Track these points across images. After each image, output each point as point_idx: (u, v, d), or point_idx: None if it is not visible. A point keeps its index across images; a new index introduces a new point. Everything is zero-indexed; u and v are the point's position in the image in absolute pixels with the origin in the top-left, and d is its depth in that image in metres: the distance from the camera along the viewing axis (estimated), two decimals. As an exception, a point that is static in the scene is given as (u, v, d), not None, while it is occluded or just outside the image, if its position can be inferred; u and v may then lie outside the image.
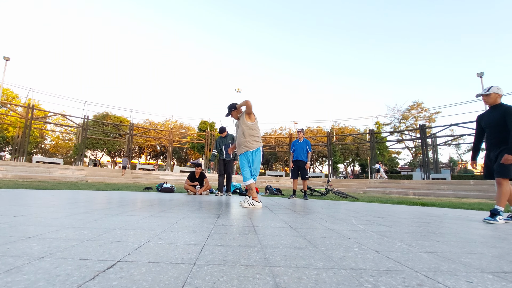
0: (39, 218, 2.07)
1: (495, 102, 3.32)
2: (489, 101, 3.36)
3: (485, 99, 3.38)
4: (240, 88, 32.46)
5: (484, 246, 1.72)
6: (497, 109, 3.28)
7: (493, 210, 3.04)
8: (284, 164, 38.30)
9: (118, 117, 31.06)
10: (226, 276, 0.95)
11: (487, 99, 3.37)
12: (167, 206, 3.49)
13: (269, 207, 4.02)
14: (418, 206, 5.47)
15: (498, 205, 3.05)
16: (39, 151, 35.58)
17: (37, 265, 0.98)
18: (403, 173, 35.89)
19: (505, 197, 3.07)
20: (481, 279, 1.03)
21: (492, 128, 3.32)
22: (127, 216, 2.36)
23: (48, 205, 3.04)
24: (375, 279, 0.98)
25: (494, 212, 3.01)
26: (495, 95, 3.31)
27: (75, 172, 17.58)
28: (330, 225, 2.34)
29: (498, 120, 3.23)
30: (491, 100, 3.34)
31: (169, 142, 27.07)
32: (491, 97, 3.33)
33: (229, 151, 5.86)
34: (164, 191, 7.24)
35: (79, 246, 1.29)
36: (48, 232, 1.58)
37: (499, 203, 3.06)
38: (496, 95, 3.31)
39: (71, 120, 24.62)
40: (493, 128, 3.29)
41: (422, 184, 17.45)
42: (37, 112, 24.19)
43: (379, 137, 25.39)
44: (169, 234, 1.68)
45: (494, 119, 3.28)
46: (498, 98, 3.31)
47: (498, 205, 3.05)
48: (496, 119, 3.25)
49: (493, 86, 3.35)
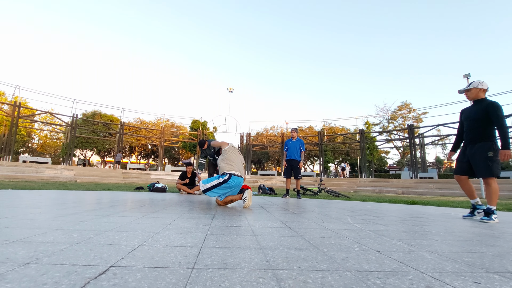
0: (25, 220, 1.97)
1: (478, 96, 3.30)
2: (470, 96, 3.36)
3: (467, 95, 3.39)
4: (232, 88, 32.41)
5: (482, 244, 1.72)
6: (479, 104, 3.27)
7: (487, 210, 3.05)
8: (276, 164, 38.36)
9: (108, 115, 30.43)
10: (228, 281, 0.90)
11: (468, 94, 3.37)
12: (160, 206, 3.40)
13: (264, 206, 3.97)
14: (409, 205, 5.53)
15: (490, 205, 3.06)
16: (26, 150, 34.55)
17: (22, 272, 0.91)
18: (392, 172, 36.52)
19: (496, 195, 3.08)
20: (487, 279, 1.01)
21: (471, 121, 3.30)
22: (118, 217, 2.28)
23: (35, 206, 2.91)
24: (382, 281, 0.95)
25: (489, 212, 3.03)
26: (476, 90, 3.29)
27: (64, 172, 17.13)
28: (327, 225, 2.32)
29: (479, 114, 3.22)
30: (472, 95, 3.33)
31: (161, 141, 26.71)
32: (472, 92, 3.32)
33: None
34: (156, 191, 7.11)
35: (68, 250, 1.21)
36: (34, 235, 1.49)
37: (491, 203, 3.07)
38: (478, 89, 3.29)
39: (59, 119, 24.04)
40: (473, 121, 3.28)
41: (410, 183, 17.77)
42: (24, 110, 23.43)
43: (369, 136, 25.70)
44: (164, 236, 1.61)
45: (475, 112, 3.27)
46: (480, 92, 3.29)
47: (490, 205, 3.06)
48: (477, 113, 3.24)
49: (474, 81, 3.34)
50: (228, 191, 3.66)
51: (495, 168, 3.08)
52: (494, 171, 3.08)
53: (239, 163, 3.81)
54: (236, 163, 3.75)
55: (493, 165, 3.07)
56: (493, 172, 3.08)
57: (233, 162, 3.73)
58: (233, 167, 3.67)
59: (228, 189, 3.63)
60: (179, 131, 31.71)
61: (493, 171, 3.08)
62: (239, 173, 3.67)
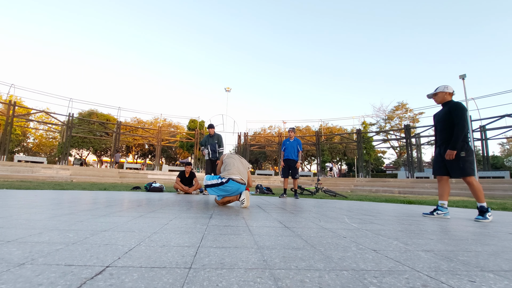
0: (20, 220, 1.95)
1: (444, 100, 3.43)
2: (438, 100, 3.47)
3: (435, 99, 3.50)
4: (230, 87, 32.34)
5: (477, 243, 1.73)
6: (446, 106, 3.40)
7: (481, 208, 3.08)
8: (273, 163, 38.40)
9: (105, 115, 30.24)
10: (225, 281, 0.90)
11: (436, 98, 3.48)
12: (157, 206, 3.39)
13: (261, 206, 3.98)
14: (405, 204, 5.56)
15: (480, 202, 3.10)
16: (21, 150, 34.20)
17: (17, 272, 0.90)
18: (388, 172, 36.72)
19: (481, 192, 3.12)
20: (482, 278, 1.02)
21: (441, 123, 3.42)
22: (115, 217, 2.27)
23: (31, 206, 2.89)
24: (379, 280, 0.95)
25: (482, 210, 3.06)
26: (443, 94, 3.42)
27: (60, 172, 16.99)
28: (324, 224, 2.32)
29: (446, 115, 3.33)
30: (439, 100, 3.46)
31: (158, 141, 26.61)
32: (439, 96, 3.45)
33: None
34: (153, 190, 7.08)
35: (64, 250, 1.20)
36: (29, 235, 1.48)
37: (480, 200, 3.11)
38: (444, 93, 3.41)
39: (55, 118, 23.87)
40: (442, 123, 3.39)
41: (406, 183, 17.89)
42: (19, 109, 23.22)
43: (366, 136, 25.83)
44: (161, 235, 1.60)
45: (443, 115, 3.39)
46: (446, 96, 3.41)
47: (480, 202, 3.10)
48: (445, 114, 3.36)
49: (440, 86, 3.47)
50: (225, 193, 3.69)
51: (467, 168, 3.15)
52: (467, 170, 3.15)
53: (239, 166, 3.80)
54: (235, 166, 3.76)
55: (465, 165, 3.15)
56: (465, 172, 3.15)
57: (232, 166, 3.76)
58: (231, 171, 3.68)
59: (225, 192, 3.65)
60: (176, 131, 31.61)
61: (465, 171, 3.15)
62: (239, 177, 3.67)
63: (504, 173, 16.05)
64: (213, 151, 6.79)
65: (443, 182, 3.42)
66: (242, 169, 3.80)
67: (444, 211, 3.30)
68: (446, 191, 3.40)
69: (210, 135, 6.95)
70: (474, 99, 18.82)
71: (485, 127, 18.60)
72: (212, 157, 6.79)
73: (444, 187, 3.40)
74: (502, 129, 18.13)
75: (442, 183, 3.43)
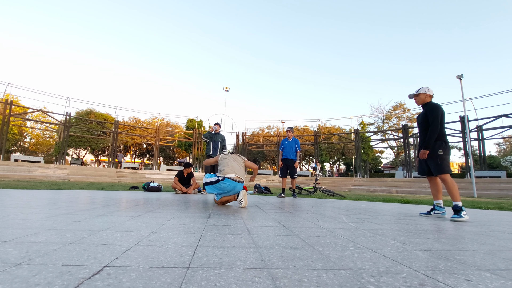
0: (17, 220, 1.94)
1: (424, 101, 3.47)
2: (419, 102, 3.51)
3: (416, 99, 3.53)
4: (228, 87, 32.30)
5: (474, 242, 1.75)
6: (425, 107, 3.46)
7: (455, 207, 3.06)
8: (271, 163, 38.41)
9: (102, 114, 30.09)
10: (223, 280, 0.90)
11: (417, 99, 3.52)
12: (155, 205, 3.38)
13: (259, 206, 3.98)
14: (402, 204, 5.59)
15: (455, 201, 3.10)
16: (18, 149, 33.94)
17: (14, 273, 0.89)
18: (386, 171, 36.87)
19: (455, 190, 3.14)
20: (479, 277, 1.03)
21: (421, 124, 3.48)
22: (113, 217, 2.26)
23: (27, 205, 2.87)
24: (377, 279, 0.96)
25: (457, 209, 3.04)
26: (424, 95, 3.46)
27: (57, 171, 16.90)
28: (322, 224, 2.33)
29: (424, 117, 3.40)
30: (420, 101, 3.49)
31: (156, 140, 26.52)
32: (420, 98, 3.48)
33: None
34: (151, 190, 7.06)
35: (61, 250, 1.19)
36: (26, 235, 1.47)
37: (454, 199, 3.12)
38: (425, 95, 3.46)
39: (52, 117, 23.70)
40: (422, 124, 3.46)
41: (404, 182, 17.95)
42: (16, 108, 23.07)
43: (364, 136, 25.89)
44: (158, 235, 1.60)
45: (422, 116, 3.45)
46: (427, 97, 3.46)
47: (455, 201, 3.10)
48: (424, 116, 3.42)
49: (422, 87, 3.50)
50: (221, 192, 3.70)
51: (444, 166, 3.21)
52: (443, 168, 3.21)
53: (233, 165, 3.81)
54: (230, 166, 3.78)
55: (442, 163, 3.21)
56: (442, 169, 3.21)
57: (225, 165, 3.79)
58: (225, 170, 3.70)
59: (221, 190, 3.67)
60: (174, 130, 31.52)
61: (442, 168, 3.21)
62: (234, 175, 3.66)
63: (501, 172, 16.17)
64: (215, 149, 6.78)
65: (432, 181, 3.46)
66: (237, 167, 3.80)
67: (441, 210, 3.33)
68: (438, 190, 3.43)
69: (215, 132, 6.94)
70: (471, 99, 18.93)
71: (482, 127, 18.70)
72: (213, 155, 6.80)
73: (435, 186, 3.44)
74: (498, 129, 18.26)
75: (432, 183, 3.47)
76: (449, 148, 3.29)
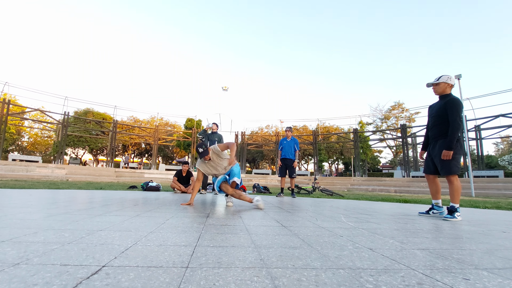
0: (15, 220, 1.93)
1: (444, 92, 3.18)
2: (438, 91, 3.21)
3: (435, 89, 3.23)
4: (227, 86, 32.28)
5: (472, 242, 1.75)
6: (443, 99, 3.17)
7: (451, 208, 3.02)
8: (270, 162, 38.43)
9: (101, 113, 29.99)
10: (222, 280, 0.90)
11: (436, 88, 3.21)
12: (153, 205, 3.38)
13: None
14: (401, 203, 5.60)
15: (453, 203, 3.03)
16: (16, 149, 33.78)
17: (12, 272, 0.89)
18: (385, 171, 36.98)
19: (458, 193, 3.03)
20: (476, 276, 1.04)
21: (434, 118, 3.21)
22: (111, 217, 2.25)
23: (25, 205, 2.86)
24: (375, 278, 0.96)
25: (452, 210, 3.00)
26: (445, 85, 3.16)
27: (55, 171, 16.84)
28: (321, 223, 2.33)
29: (440, 110, 3.13)
30: (440, 90, 3.19)
31: (154, 140, 26.48)
32: (440, 87, 3.18)
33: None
34: (150, 190, 7.05)
35: (60, 250, 1.19)
36: (24, 235, 1.47)
37: (454, 200, 3.04)
38: (446, 84, 3.15)
39: (50, 117, 23.61)
40: (435, 118, 3.19)
41: (403, 182, 18.02)
42: (14, 108, 22.96)
43: (362, 136, 25.93)
44: (157, 235, 1.60)
45: (438, 109, 3.17)
46: (447, 88, 3.17)
47: (453, 203, 3.03)
48: (439, 109, 3.15)
49: (444, 75, 3.19)
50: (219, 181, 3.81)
51: (453, 166, 3.01)
52: (452, 168, 3.01)
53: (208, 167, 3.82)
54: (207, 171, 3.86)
55: (452, 163, 3.01)
56: (451, 170, 3.02)
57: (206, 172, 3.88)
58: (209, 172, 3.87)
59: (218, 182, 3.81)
60: (173, 130, 31.45)
61: (451, 169, 3.02)
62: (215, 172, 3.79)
63: (498, 172, 16.24)
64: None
65: (431, 180, 3.35)
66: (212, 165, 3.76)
67: (440, 210, 3.30)
68: (437, 189, 3.34)
69: (213, 132, 6.91)
70: (469, 99, 19.00)
71: (480, 127, 18.78)
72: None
73: (434, 185, 3.35)
74: (496, 129, 18.33)
75: (430, 182, 3.37)
76: (461, 146, 3.05)
